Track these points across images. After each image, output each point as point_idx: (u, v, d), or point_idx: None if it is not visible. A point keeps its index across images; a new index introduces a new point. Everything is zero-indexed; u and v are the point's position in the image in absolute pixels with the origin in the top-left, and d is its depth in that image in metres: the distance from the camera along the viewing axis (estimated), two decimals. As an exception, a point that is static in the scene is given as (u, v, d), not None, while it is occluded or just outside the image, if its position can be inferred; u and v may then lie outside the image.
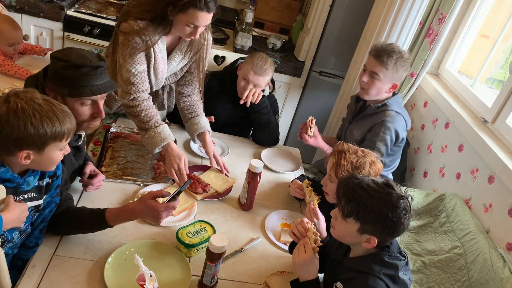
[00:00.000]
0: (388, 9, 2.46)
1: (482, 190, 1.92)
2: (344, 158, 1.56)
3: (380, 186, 1.23)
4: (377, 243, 1.24)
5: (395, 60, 1.96)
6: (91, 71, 1.33)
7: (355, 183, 1.25)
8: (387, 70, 1.97)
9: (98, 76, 1.35)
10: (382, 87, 2.03)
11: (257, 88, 2.13)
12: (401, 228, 1.22)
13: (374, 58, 2.00)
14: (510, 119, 1.95)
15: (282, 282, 1.43)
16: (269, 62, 2.15)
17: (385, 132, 2.02)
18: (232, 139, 2.25)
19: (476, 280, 1.63)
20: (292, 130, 3.36)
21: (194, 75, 2.03)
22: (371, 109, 2.09)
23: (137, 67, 1.78)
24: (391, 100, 2.07)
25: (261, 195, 1.87)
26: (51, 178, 1.31)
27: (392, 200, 1.21)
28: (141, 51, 1.77)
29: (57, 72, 1.32)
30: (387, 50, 1.98)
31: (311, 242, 1.36)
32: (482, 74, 2.37)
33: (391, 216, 1.19)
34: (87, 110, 1.39)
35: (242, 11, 3.21)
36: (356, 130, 2.15)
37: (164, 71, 1.93)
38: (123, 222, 1.39)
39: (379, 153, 2.02)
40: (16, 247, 1.31)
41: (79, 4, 2.94)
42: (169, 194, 1.38)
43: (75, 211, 1.40)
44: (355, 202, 1.23)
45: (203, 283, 1.36)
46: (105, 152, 1.89)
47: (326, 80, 3.12)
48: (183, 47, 1.93)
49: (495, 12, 2.41)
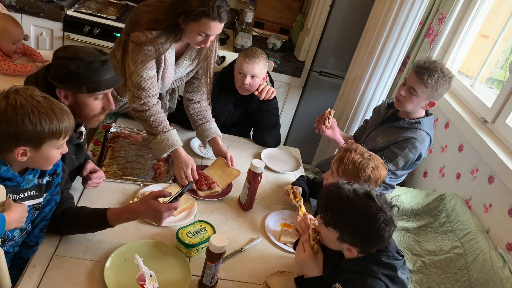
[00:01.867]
0: (388, 9, 2.46)
1: (482, 190, 1.92)
2: (348, 156, 1.56)
3: (360, 198, 1.21)
4: (360, 251, 1.24)
5: (436, 79, 1.91)
6: (102, 65, 1.38)
7: (335, 193, 1.24)
8: (426, 88, 1.92)
9: (108, 70, 1.40)
10: (418, 104, 1.99)
11: (255, 79, 2.13)
12: (381, 240, 1.21)
13: (415, 75, 1.95)
14: (510, 119, 1.95)
15: (282, 282, 1.42)
16: (260, 50, 2.16)
17: (411, 151, 1.99)
18: (232, 139, 2.25)
19: (476, 280, 1.63)
20: (292, 130, 3.36)
21: (202, 81, 2.04)
22: (404, 122, 2.04)
23: (148, 72, 1.78)
24: (425, 120, 2.03)
25: (261, 195, 1.87)
26: (51, 176, 1.32)
27: (370, 214, 1.18)
28: (152, 58, 1.77)
29: (69, 71, 1.33)
30: (429, 68, 1.92)
31: (310, 240, 1.36)
32: (482, 74, 2.37)
33: (368, 230, 1.18)
34: (99, 104, 1.43)
35: (242, 11, 3.22)
36: (381, 137, 2.11)
37: (171, 76, 1.94)
38: (124, 222, 1.39)
39: (395, 166, 2.02)
40: (16, 245, 1.32)
41: (79, 4, 2.94)
42: (170, 194, 1.39)
43: (76, 210, 1.40)
44: (333, 212, 1.23)
45: (203, 283, 1.36)
46: (105, 152, 1.89)
47: (326, 80, 3.12)
48: (192, 54, 1.94)
49: (495, 12, 2.41)
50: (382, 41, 2.52)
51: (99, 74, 1.37)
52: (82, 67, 1.33)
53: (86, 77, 1.35)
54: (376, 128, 2.19)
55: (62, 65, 1.34)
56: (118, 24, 2.87)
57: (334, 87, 3.10)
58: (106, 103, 1.45)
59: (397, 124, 2.08)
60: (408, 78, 2.01)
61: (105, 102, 1.45)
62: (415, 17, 2.43)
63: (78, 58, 1.33)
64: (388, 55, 2.54)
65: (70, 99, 1.38)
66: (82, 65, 1.33)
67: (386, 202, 1.22)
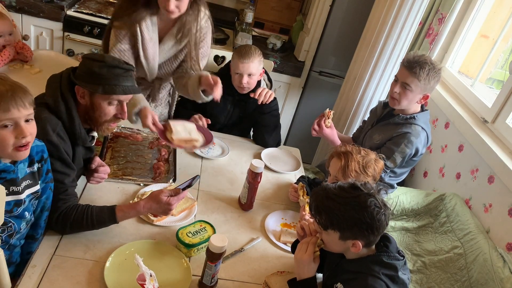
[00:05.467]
0: (388, 9, 2.46)
1: (482, 190, 1.92)
2: (351, 159, 1.60)
3: (347, 191, 1.25)
4: (364, 244, 1.25)
5: (428, 71, 1.95)
6: (124, 73, 1.43)
7: (322, 195, 1.27)
8: (419, 81, 1.95)
9: (129, 78, 1.45)
10: (413, 98, 2.01)
11: (252, 77, 2.13)
12: (380, 224, 1.22)
13: (406, 69, 1.98)
14: (510, 119, 1.95)
15: (282, 282, 1.43)
16: (253, 47, 2.15)
17: (407, 146, 2.00)
18: (232, 139, 2.25)
19: (476, 280, 1.63)
20: (292, 130, 3.36)
21: (188, 64, 2.02)
22: (399, 118, 2.06)
23: (118, 46, 1.84)
24: (419, 115, 2.05)
25: (261, 195, 1.87)
26: (39, 163, 1.32)
27: (360, 202, 1.21)
28: (125, 30, 1.83)
29: (92, 71, 1.40)
30: (419, 61, 1.96)
31: (316, 245, 1.36)
32: (482, 74, 2.37)
33: (363, 218, 1.21)
34: (112, 110, 1.47)
35: (242, 11, 3.22)
36: (377, 134, 2.13)
37: (155, 55, 1.95)
38: (130, 218, 1.47)
39: (393, 163, 2.03)
40: (22, 237, 1.35)
41: (79, 4, 2.94)
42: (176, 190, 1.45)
43: (83, 207, 1.42)
44: (326, 213, 1.25)
45: (203, 283, 1.36)
46: (105, 152, 1.89)
47: (326, 80, 3.12)
48: (175, 31, 1.95)
49: (495, 12, 2.41)
50: (382, 41, 2.52)
51: (118, 79, 1.41)
52: (104, 69, 1.39)
53: (105, 79, 1.40)
54: (372, 127, 2.21)
55: (87, 64, 1.41)
56: (118, 24, 2.87)
57: (334, 87, 3.10)
58: (119, 110, 1.48)
59: (392, 121, 2.09)
60: (399, 75, 2.03)
61: (118, 110, 1.48)
62: (415, 17, 2.43)
63: (102, 61, 1.40)
64: (388, 55, 2.55)
65: (86, 98, 1.42)
66: (105, 67, 1.39)
67: (372, 188, 1.26)
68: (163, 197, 1.42)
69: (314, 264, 1.35)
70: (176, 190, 1.45)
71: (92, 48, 2.90)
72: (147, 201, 1.44)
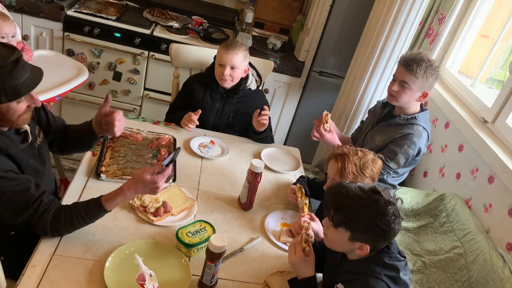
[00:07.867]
0: (388, 9, 2.46)
1: (482, 190, 1.92)
2: (348, 161, 1.59)
3: (367, 194, 1.23)
4: (370, 249, 1.24)
5: (425, 69, 1.96)
6: (15, 67, 1.22)
7: (342, 192, 1.25)
8: (417, 79, 1.96)
9: (23, 69, 1.25)
10: (412, 96, 2.02)
11: (235, 70, 2.12)
12: (392, 233, 1.22)
13: (404, 68, 1.99)
14: (510, 119, 1.95)
15: (282, 282, 1.43)
16: (240, 42, 2.16)
17: (410, 147, 2.01)
18: (232, 139, 2.25)
19: (476, 280, 1.63)
20: (292, 130, 3.36)
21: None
22: (400, 119, 2.07)
23: None
24: (420, 115, 2.06)
25: (261, 195, 1.87)
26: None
27: (379, 207, 1.20)
28: None
29: None
30: (416, 59, 1.97)
31: (302, 242, 1.36)
32: (482, 74, 2.37)
33: (380, 223, 1.20)
34: (23, 105, 1.32)
35: (242, 11, 3.22)
36: (378, 136, 2.13)
37: None
38: (120, 203, 1.39)
39: (396, 165, 2.04)
40: None
41: (79, 4, 2.94)
42: (162, 169, 1.39)
43: (69, 207, 1.38)
44: (343, 211, 1.24)
45: (203, 283, 1.36)
46: (105, 152, 1.89)
47: (326, 80, 3.12)
48: None
49: (495, 12, 2.41)
50: (382, 41, 2.52)
51: (15, 77, 1.22)
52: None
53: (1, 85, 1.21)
54: (373, 128, 2.20)
55: None
56: (118, 24, 2.87)
57: (334, 87, 3.10)
58: (30, 101, 1.33)
59: (393, 121, 2.09)
60: (397, 73, 2.04)
61: (29, 101, 1.33)
62: (415, 17, 2.43)
63: None
64: (388, 55, 2.55)
65: None
66: None
67: (391, 196, 1.25)
68: (147, 176, 1.35)
69: (310, 259, 1.35)
70: (160, 167, 1.38)
71: (92, 48, 2.91)
72: (131, 184, 1.37)
